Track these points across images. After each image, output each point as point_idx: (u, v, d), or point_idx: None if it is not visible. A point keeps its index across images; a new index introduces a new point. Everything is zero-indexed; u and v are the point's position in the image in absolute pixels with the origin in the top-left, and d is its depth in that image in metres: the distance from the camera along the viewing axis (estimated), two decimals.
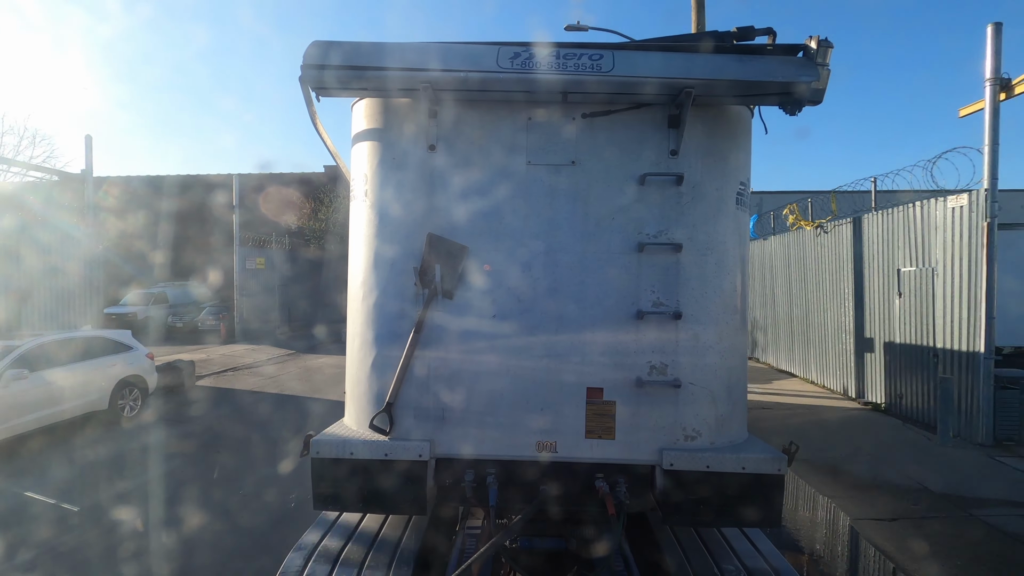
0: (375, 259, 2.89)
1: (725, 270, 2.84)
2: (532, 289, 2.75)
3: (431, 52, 2.65)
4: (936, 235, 8.44)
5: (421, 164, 2.81)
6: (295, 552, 2.90)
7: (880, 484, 6.37)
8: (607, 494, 2.68)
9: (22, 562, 4.76)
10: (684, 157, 2.76)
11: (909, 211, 9.04)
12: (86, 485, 6.57)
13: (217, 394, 11.99)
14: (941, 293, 8.37)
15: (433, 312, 2.78)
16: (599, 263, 2.76)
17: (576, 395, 2.75)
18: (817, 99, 2.65)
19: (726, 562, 2.86)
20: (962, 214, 7.91)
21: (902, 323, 9.28)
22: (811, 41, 2.67)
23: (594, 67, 2.57)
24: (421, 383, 2.78)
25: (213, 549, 4.97)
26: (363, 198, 2.94)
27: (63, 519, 5.58)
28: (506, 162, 2.78)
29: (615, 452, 2.76)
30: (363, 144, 2.96)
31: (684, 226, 2.76)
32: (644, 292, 2.75)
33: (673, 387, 2.73)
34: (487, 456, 2.78)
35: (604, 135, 2.77)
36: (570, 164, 2.77)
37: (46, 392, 7.97)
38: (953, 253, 8.10)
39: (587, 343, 2.75)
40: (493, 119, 2.79)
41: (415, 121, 2.82)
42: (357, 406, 2.96)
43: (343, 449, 2.73)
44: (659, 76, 2.55)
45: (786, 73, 2.55)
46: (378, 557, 2.85)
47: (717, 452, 2.73)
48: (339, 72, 2.58)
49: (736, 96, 2.68)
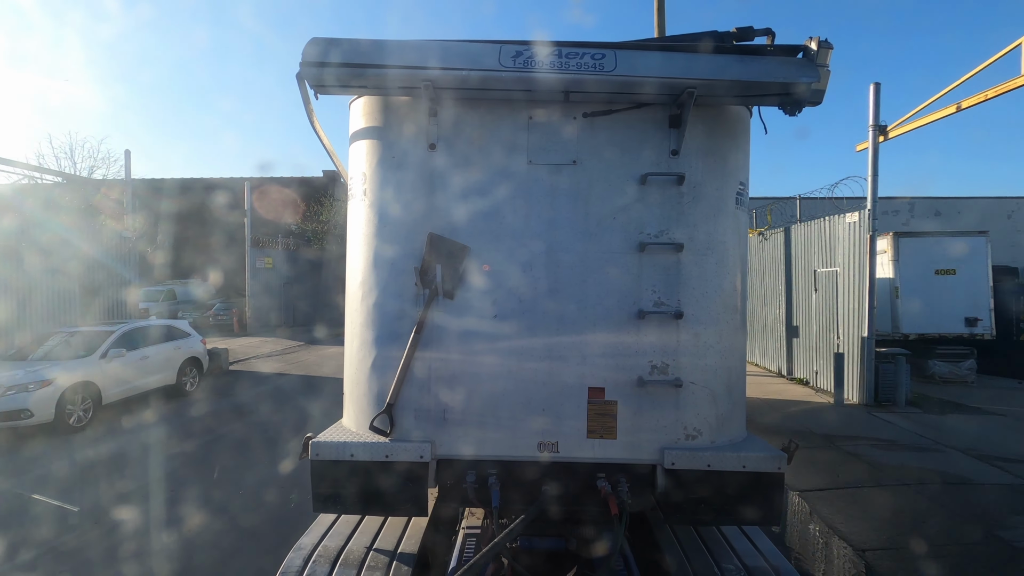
0: (375, 259, 2.88)
1: (725, 270, 2.86)
2: (533, 289, 2.76)
3: (432, 50, 2.62)
4: (839, 243, 10.81)
5: (421, 163, 2.80)
6: (295, 552, 2.90)
7: (780, 431, 8.65)
8: (610, 494, 2.68)
9: (173, 469, 6.86)
10: (685, 157, 2.77)
11: (822, 223, 11.41)
12: (189, 435, 8.63)
13: (251, 375, 14.01)
14: (842, 289, 10.73)
15: (434, 312, 2.78)
16: (600, 263, 2.76)
17: (578, 395, 2.75)
18: (817, 100, 2.67)
19: (726, 561, 2.86)
20: (854, 228, 10.27)
21: (817, 314, 11.65)
22: (811, 42, 2.69)
23: (597, 66, 2.56)
24: (422, 384, 2.77)
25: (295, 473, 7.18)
26: (362, 197, 2.92)
27: (184, 454, 7.68)
28: (507, 161, 2.78)
29: (617, 452, 2.76)
30: (361, 143, 2.94)
31: (685, 226, 2.78)
32: (645, 292, 2.76)
33: (674, 387, 2.74)
34: (488, 457, 2.78)
35: (605, 135, 2.78)
36: (571, 164, 2.77)
37: (135, 368, 9.94)
38: (849, 258, 10.47)
39: (588, 343, 2.75)
40: (494, 118, 2.79)
41: (415, 120, 2.80)
42: (356, 407, 2.95)
43: (343, 451, 2.71)
44: (662, 76, 2.56)
45: (787, 74, 2.56)
46: (378, 557, 2.86)
47: (718, 451, 2.74)
48: (339, 70, 2.56)
49: (737, 96, 2.70)
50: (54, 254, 12.29)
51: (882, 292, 13.34)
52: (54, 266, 12.32)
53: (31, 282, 11.03)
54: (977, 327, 13.33)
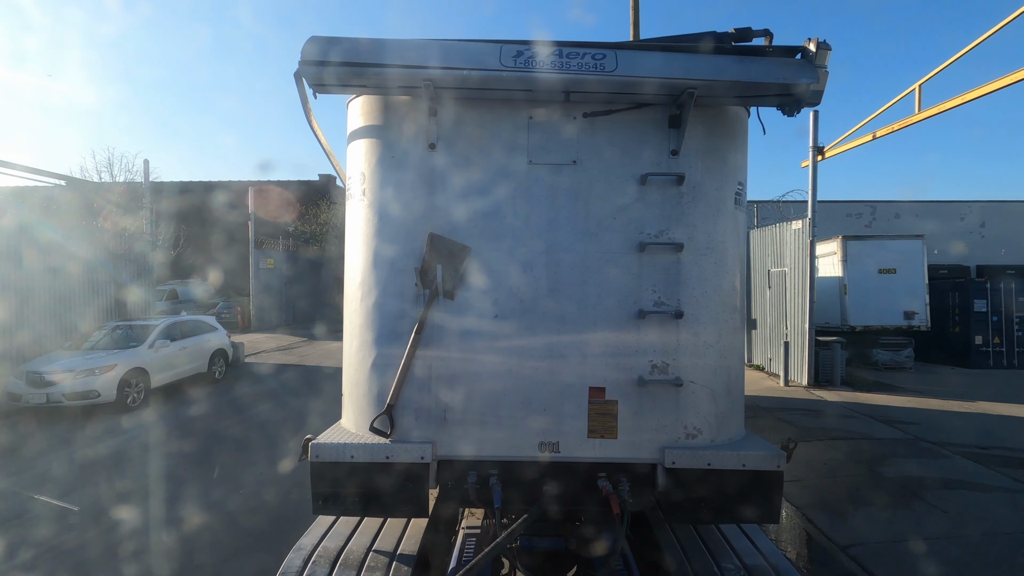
0: (374, 259, 2.87)
1: (724, 270, 2.87)
2: (533, 289, 2.75)
3: (432, 50, 2.61)
4: (787, 247, 12.50)
5: (421, 163, 2.79)
6: (295, 552, 2.90)
7: None
8: (611, 493, 2.68)
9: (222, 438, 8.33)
10: (685, 157, 2.77)
11: (774, 229, 13.12)
12: (231, 413, 10.09)
13: (268, 365, 15.41)
14: (790, 287, 12.43)
15: (434, 312, 2.76)
16: (600, 263, 2.75)
17: (578, 395, 2.75)
18: (815, 101, 2.66)
19: (726, 561, 2.87)
20: (799, 234, 11.97)
21: (771, 308, 13.36)
22: (810, 43, 2.69)
23: (597, 66, 2.56)
24: (422, 384, 2.76)
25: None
26: (361, 197, 2.90)
27: (231, 428, 9.17)
28: (507, 161, 2.77)
29: (617, 451, 2.76)
30: (360, 142, 2.93)
31: (685, 226, 2.77)
32: (645, 292, 2.75)
33: (675, 386, 2.75)
34: (489, 457, 2.77)
35: (605, 135, 2.77)
36: (571, 164, 2.77)
37: (176, 357, 11.34)
38: (795, 260, 12.16)
39: (589, 343, 2.75)
40: (494, 118, 2.78)
41: (415, 119, 2.79)
42: (356, 408, 2.94)
43: (343, 453, 2.70)
44: (663, 76, 2.56)
45: (787, 75, 2.57)
46: (377, 557, 2.86)
47: (718, 450, 2.75)
48: (338, 69, 2.55)
49: (737, 97, 2.71)
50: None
51: (832, 289, 15.16)
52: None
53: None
54: (915, 320, 15.17)
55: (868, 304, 15.76)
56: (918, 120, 10.04)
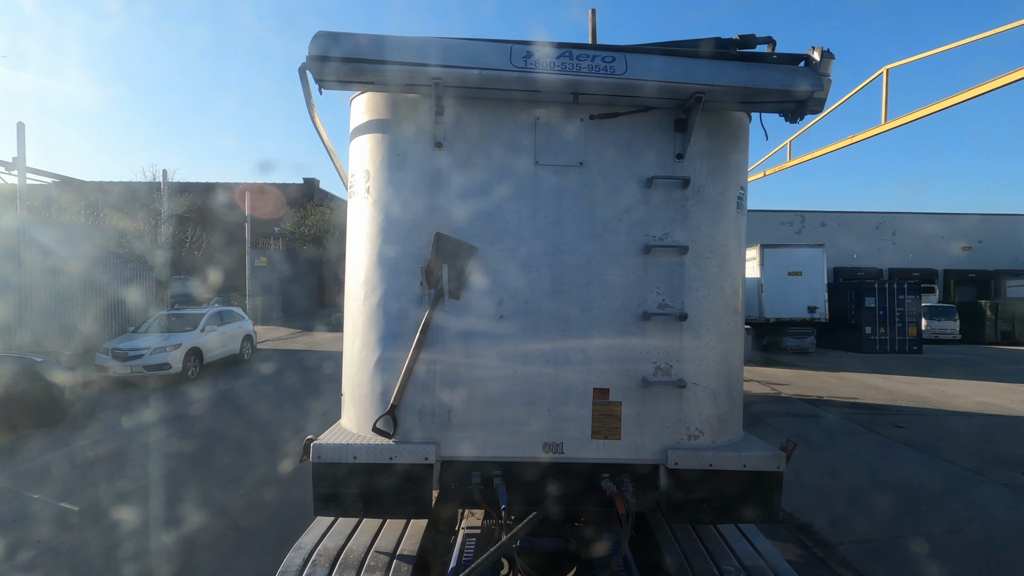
0: (378, 258, 2.86)
1: (727, 273, 2.90)
2: (538, 290, 2.77)
3: (441, 48, 2.61)
4: None
5: (427, 162, 2.78)
6: (294, 552, 2.92)
7: None
8: (616, 494, 2.70)
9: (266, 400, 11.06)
10: (690, 161, 2.81)
11: None
12: (271, 383, 12.81)
13: (279, 351, 18.02)
14: None
15: (439, 313, 2.77)
16: (605, 264, 2.78)
17: (582, 395, 2.77)
18: (818, 108, 2.71)
19: (725, 562, 2.90)
20: None
21: None
22: (814, 52, 2.74)
23: (607, 69, 2.59)
24: (426, 385, 2.77)
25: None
26: (364, 195, 2.90)
27: (276, 392, 11.93)
28: (513, 162, 2.79)
29: (621, 452, 2.78)
30: (364, 139, 2.92)
31: (689, 229, 2.81)
32: (650, 294, 2.78)
33: (678, 387, 2.77)
34: (493, 458, 2.79)
35: (611, 137, 2.80)
36: (577, 165, 2.79)
37: (219, 340, 13.94)
38: None
39: (593, 344, 2.77)
40: (500, 118, 2.79)
41: (421, 117, 2.78)
42: (358, 408, 2.94)
43: (345, 453, 2.70)
44: (672, 80, 2.60)
45: (794, 82, 2.63)
46: (378, 557, 2.88)
47: (719, 451, 2.78)
48: (346, 65, 2.54)
49: (743, 102, 2.76)
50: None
51: (751, 288, 18.56)
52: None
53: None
54: (816, 313, 18.77)
55: (780, 300, 19.26)
56: (830, 151, 13.31)
